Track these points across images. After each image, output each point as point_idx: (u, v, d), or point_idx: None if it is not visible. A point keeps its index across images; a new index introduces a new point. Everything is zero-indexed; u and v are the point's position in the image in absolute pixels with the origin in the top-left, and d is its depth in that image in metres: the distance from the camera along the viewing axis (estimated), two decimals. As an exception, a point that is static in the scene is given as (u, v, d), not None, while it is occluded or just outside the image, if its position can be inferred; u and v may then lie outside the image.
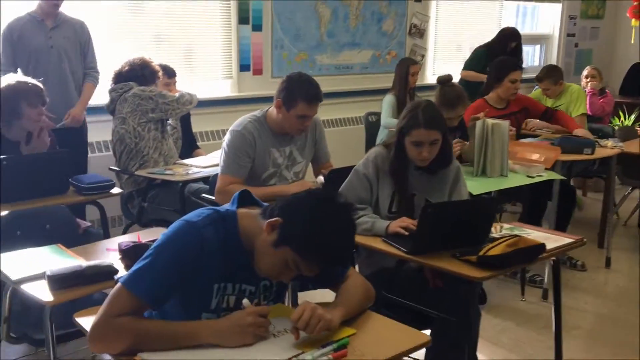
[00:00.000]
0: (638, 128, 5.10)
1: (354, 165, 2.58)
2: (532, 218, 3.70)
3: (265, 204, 1.77)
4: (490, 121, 3.27)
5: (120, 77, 3.68)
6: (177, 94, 3.76)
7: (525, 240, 2.09)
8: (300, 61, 5.60)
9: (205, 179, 3.48)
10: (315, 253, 1.54)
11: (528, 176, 3.29)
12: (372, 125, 5.31)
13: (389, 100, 4.98)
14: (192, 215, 1.65)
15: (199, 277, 1.61)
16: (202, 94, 4.84)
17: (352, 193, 2.49)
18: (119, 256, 2.10)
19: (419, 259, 2.15)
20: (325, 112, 2.90)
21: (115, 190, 3.05)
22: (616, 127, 5.35)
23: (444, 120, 2.44)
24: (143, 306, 1.57)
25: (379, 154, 2.51)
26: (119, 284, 1.57)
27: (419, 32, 6.45)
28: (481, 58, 5.85)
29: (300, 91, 2.81)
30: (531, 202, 3.68)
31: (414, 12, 6.36)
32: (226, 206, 1.72)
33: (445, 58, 6.80)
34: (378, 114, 5.36)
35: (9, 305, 2.15)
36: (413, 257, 2.16)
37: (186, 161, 3.76)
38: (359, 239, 2.22)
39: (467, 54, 6.84)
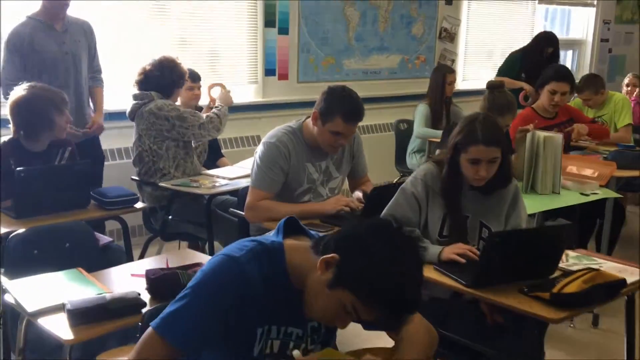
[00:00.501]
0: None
1: (393, 181, 2.36)
2: (582, 238, 3.44)
3: (314, 233, 1.56)
4: (542, 134, 3.02)
5: (147, 82, 3.39)
6: (205, 116, 3.44)
7: (603, 275, 1.85)
8: (327, 66, 5.39)
9: (232, 192, 3.26)
10: (380, 298, 1.32)
11: (582, 194, 3.04)
12: (402, 134, 5.09)
13: (422, 109, 4.74)
14: (234, 249, 1.43)
15: (241, 320, 1.40)
16: (227, 99, 4.68)
17: (399, 214, 2.26)
18: (146, 285, 1.89)
19: (481, 293, 1.91)
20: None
21: (140, 204, 2.84)
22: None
23: (504, 135, 2.20)
24: (177, 355, 1.36)
25: (429, 171, 2.28)
26: (150, 329, 1.36)
27: (450, 36, 6.21)
28: (516, 64, 5.58)
29: (339, 106, 2.59)
30: (580, 221, 3.42)
31: (445, 15, 6.13)
32: (271, 236, 1.51)
33: (475, 63, 6.56)
34: (409, 122, 5.14)
35: (24, 336, 1.95)
36: (474, 290, 1.92)
37: (212, 172, 3.54)
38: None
39: (498, 59, 6.59)
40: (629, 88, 5.31)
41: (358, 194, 2.87)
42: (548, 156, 3.00)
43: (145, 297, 1.85)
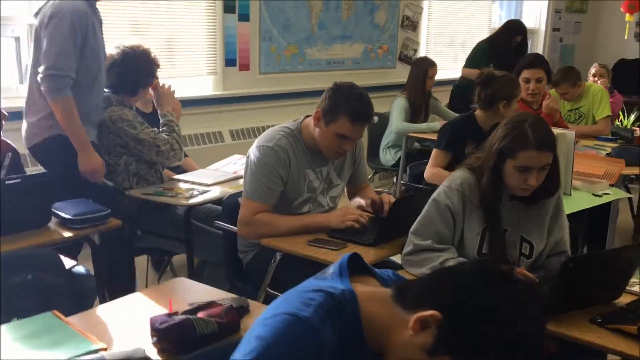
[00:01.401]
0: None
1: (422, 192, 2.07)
2: (595, 240, 3.26)
3: (380, 272, 1.24)
4: (553, 130, 2.79)
5: (108, 76, 2.91)
6: (165, 140, 2.93)
7: (687, 301, 1.63)
8: (290, 55, 5.03)
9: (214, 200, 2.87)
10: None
11: (594, 195, 2.85)
12: (374, 127, 4.80)
13: (401, 103, 4.47)
14: (298, 305, 1.09)
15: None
16: (183, 92, 4.24)
17: (431, 229, 1.97)
18: (153, 338, 1.50)
19: (548, 326, 1.64)
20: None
21: (113, 221, 2.39)
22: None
23: (555, 138, 1.94)
24: None
25: (465, 180, 1.99)
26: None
27: (412, 24, 5.97)
28: (484, 54, 5.44)
29: (346, 105, 2.26)
30: (590, 222, 3.23)
31: (407, 3, 5.88)
32: (334, 281, 1.17)
33: (437, 53, 6.33)
34: (380, 115, 4.85)
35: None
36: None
37: (183, 177, 3.12)
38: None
39: (458, 49, 6.44)
40: (596, 78, 5.23)
41: (360, 201, 2.55)
42: (560, 154, 2.77)
43: (151, 351, 1.47)
